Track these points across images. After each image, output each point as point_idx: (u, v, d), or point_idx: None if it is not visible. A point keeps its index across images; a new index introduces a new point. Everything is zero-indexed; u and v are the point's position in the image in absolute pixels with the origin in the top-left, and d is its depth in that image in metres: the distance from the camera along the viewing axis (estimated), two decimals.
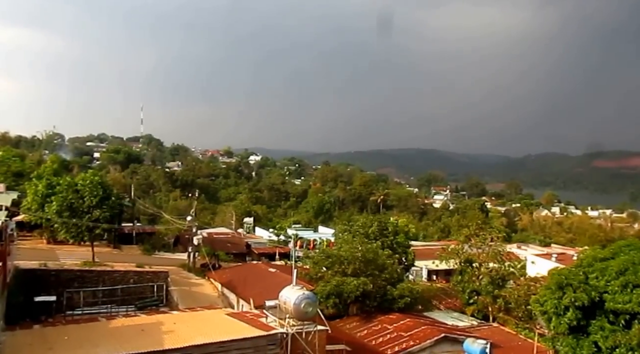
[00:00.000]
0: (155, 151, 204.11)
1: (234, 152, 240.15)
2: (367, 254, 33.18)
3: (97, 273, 32.42)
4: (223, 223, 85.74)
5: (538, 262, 52.50)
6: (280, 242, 60.27)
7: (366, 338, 28.06)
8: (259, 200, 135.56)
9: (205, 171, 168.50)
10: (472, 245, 37.47)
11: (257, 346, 18.91)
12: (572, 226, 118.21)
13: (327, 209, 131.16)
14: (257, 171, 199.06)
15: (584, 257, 23.26)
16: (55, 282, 29.75)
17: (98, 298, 30.91)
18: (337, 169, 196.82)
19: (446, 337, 26.76)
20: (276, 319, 20.73)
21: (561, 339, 20.93)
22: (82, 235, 35.23)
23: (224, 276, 35.89)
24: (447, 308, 37.36)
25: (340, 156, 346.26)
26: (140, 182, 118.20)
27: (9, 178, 46.07)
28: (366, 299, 31.51)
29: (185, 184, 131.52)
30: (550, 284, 21.10)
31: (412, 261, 43.99)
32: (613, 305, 19.40)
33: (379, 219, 44.25)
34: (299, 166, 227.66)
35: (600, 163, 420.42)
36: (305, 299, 20.26)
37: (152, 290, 32.81)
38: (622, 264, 19.95)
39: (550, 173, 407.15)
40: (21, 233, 38.89)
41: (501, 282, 34.88)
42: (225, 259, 47.48)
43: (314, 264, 34.47)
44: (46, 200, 35.65)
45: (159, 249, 48.41)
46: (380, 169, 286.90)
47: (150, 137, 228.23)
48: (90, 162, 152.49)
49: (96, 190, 34.69)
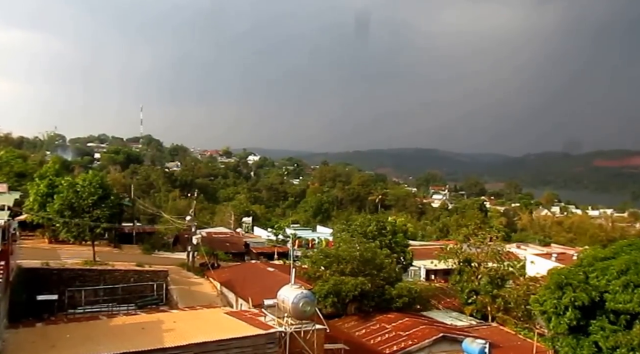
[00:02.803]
0: (154, 151, 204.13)
1: (233, 152, 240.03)
2: (366, 254, 33.31)
3: (98, 272, 32.64)
4: (222, 223, 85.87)
5: (538, 262, 52.64)
6: (278, 242, 60.29)
7: (364, 337, 28.15)
8: (258, 200, 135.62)
9: (204, 171, 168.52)
10: (471, 245, 37.48)
11: (256, 345, 19.03)
12: (572, 225, 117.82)
13: (326, 208, 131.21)
14: (256, 171, 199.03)
15: (584, 256, 23.11)
16: (57, 281, 30.03)
17: (99, 296, 31.16)
18: (335, 168, 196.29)
19: (445, 337, 26.82)
20: (275, 318, 20.86)
21: (561, 339, 20.86)
22: (83, 235, 35.44)
23: (223, 275, 36.03)
24: (445, 307, 37.41)
25: (338, 156, 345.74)
26: (140, 182, 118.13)
27: (11, 178, 46.19)
28: (364, 299, 31.64)
29: (184, 184, 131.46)
30: (550, 284, 21.01)
31: (410, 260, 44.12)
32: (614, 305, 19.28)
33: (377, 219, 44.40)
34: (297, 166, 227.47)
35: (600, 162, 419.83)
36: (303, 298, 20.41)
37: (152, 289, 33.01)
38: (624, 263, 19.78)
39: (550, 172, 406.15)
40: (23, 233, 39.19)
41: (500, 282, 34.87)
42: (224, 259, 47.61)
43: (313, 264, 34.61)
44: (47, 200, 35.90)
45: (159, 249, 48.54)
46: (378, 169, 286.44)
47: (149, 138, 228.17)
48: (91, 162, 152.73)
49: (95, 190, 34.87)
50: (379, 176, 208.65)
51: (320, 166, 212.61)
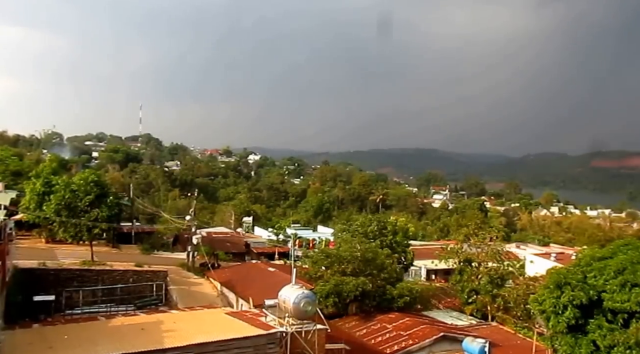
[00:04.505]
0: (154, 150, 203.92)
1: (233, 152, 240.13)
2: (366, 254, 33.23)
3: (96, 272, 32.35)
4: (222, 223, 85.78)
5: (537, 261, 52.61)
6: (279, 242, 60.25)
7: (365, 337, 28.09)
8: (258, 199, 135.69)
9: (204, 171, 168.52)
10: (471, 244, 37.55)
11: (257, 345, 18.89)
12: (571, 225, 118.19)
13: (326, 208, 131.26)
14: (256, 171, 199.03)
15: (582, 256, 23.27)
16: (54, 281, 29.64)
17: (97, 297, 30.83)
18: (336, 168, 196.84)
19: (445, 336, 26.82)
20: (275, 318, 20.72)
21: (559, 338, 20.92)
22: (80, 234, 35.08)
23: (223, 275, 35.88)
24: (446, 307, 37.42)
25: (339, 156, 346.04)
26: (139, 181, 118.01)
27: (7, 177, 45.88)
28: (365, 299, 31.55)
29: (184, 184, 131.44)
30: (549, 284, 21.10)
31: (411, 260, 44.09)
32: (611, 304, 19.43)
33: (378, 219, 44.35)
34: (298, 166, 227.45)
35: (599, 163, 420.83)
36: (304, 298, 20.28)
37: (151, 289, 32.74)
38: (621, 263, 20.01)
39: (550, 173, 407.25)
40: (20, 232, 38.79)
41: (500, 281, 34.93)
42: (225, 259, 47.45)
43: (313, 264, 34.50)
44: (44, 199, 35.55)
45: (158, 249, 48.32)
46: (379, 169, 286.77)
47: (149, 137, 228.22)
48: (89, 161, 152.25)
49: (90, 188, 34.54)
50: (379, 175, 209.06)
51: (321, 166, 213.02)
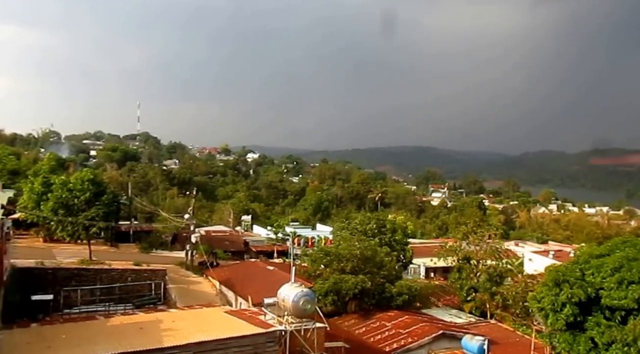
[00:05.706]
0: (152, 149, 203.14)
1: (232, 150, 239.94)
2: (365, 252, 33.25)
3: (94, 271, 32.23)
4: (221, 221, 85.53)
5: (535, 259, 52.64)
6: (278, 240, 60.14)
7: (364, 335, 28.11)
8: (257, 198, 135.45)
9: (203, 169, 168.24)
10: (470, 242, 37.62)
11: (256, 344, 18.86)
12: (569, 223, 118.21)
13: (325, 206, 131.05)
14: (255, 169, 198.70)
15: (580, 254, 23.44)
16: (52, 280, 29.52)
17: (95, 296, 30.77)
18: (335, 166, 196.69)
19: (444, 334, 26.89)
20: (275, 317, 20.72)
21: (558, 335, 21.03)
22: (78, 233, 35.01)
23: (222, 274, 35.81)
24: (445, 305, 37.49)
25: (338, 154, 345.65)
26: (137, 180, 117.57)
27: (4, 176, 45.82)
28: (364, 297, 31.59)
29: (182, 182, 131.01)
30: (548, 281, 21.20)
31: (410, 258, 44.11)
32: (609, 301, 19.59)
33: (377, 217, 44.36)
34: (296, 164, 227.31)
35: (597, 161, 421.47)
36: (303, 296, 20.26)
37: (149, 288, 32.68)
38: (618, 261, 20.15)
39: (548, 171, 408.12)
40: (17, 231, 38.73)
41: (499, 279, 35.06)
42: (224, 257, 47.34)
43: (312, 262, 34.52)
44: (42, 198, 35.42)
45: (157, 248, 48.19)
46: (378, 167, 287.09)
47: (147, 135, 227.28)
48: (87, 160, 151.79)
49: (87, 186, 34.36)
50: (378, 174, 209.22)
51: (320, 164, 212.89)
